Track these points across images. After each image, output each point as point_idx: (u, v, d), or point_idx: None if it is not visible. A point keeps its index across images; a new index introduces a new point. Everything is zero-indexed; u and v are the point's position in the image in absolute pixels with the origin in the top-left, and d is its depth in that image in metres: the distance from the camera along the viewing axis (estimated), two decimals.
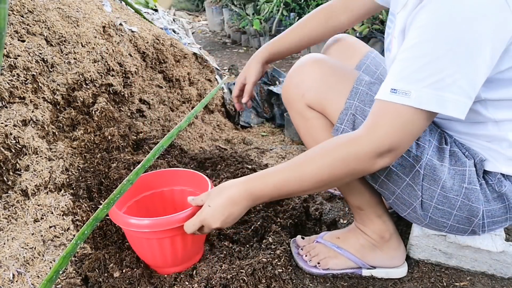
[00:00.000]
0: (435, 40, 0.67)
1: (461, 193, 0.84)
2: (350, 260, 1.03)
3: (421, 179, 0.85)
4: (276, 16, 4.02)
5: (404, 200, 0.90)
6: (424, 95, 0.68)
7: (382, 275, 1.04)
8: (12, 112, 1.07)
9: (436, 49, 0.67)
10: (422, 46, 0.68)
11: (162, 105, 1.70)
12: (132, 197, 1.05)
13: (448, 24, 0.66)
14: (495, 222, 0.89)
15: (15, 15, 1.22)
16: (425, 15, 0.68)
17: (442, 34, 0.67)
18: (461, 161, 0.85)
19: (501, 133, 0.82)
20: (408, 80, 0.69)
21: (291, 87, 0.93)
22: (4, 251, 0.91)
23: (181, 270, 0.97)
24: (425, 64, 0.68)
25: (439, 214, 0.88)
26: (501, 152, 0.84)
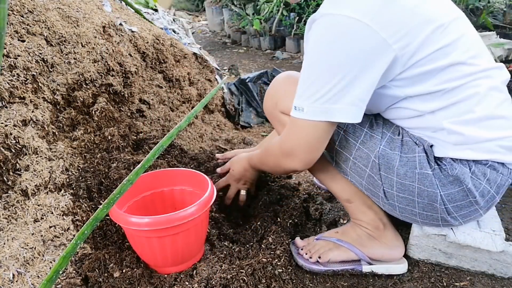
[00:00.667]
0: (315, 63, 0.83)
1: (415, 179, 0.91)
2: (350, 251, 1.05)
3: (378, 168, 0.93)
4: (276, 16, 4.02)
5: (371, 191, 0.99)
6: (313, 109, 0.84)
7: (382, 271, 1.04)
8: (12, 112, 1.07)
9: (315, 71, 0.83)
10: (308, 69, 0.84)
11: (162, 105, 1.70)
12: (132, 197, 1.05)
13: (322, 50, 0.81)
14: (461, 207, 0.93)
15: (15, 15, 1.22)
16: (309, 43, 0.85)
17: (319, 58, 0.82)
18: (411, 148, 0.92)
19: (438, 122, 0.89)
20: (301, 98, 0.85)
21: (268, 99, 1.11)
22: (4, 251, 0.91)
23: (181, 270, 0.97)
24: (310, 84, 0.83)
25: (404, 202, 0.95)
26: (444, 140, 0.90)
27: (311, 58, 0.84)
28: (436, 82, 0.84)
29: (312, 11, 3.78)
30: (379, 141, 0.93)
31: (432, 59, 0.82)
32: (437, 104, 0.87)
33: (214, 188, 0.99)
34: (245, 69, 3.49)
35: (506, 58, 2.40)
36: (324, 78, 0.81)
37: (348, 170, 0.99)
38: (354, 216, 1.08)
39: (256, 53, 4.08)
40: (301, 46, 3.87)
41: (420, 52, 0.81)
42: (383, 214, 1.07)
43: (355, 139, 0.95)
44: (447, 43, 0.82)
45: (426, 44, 0.80)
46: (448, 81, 0.84)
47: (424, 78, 0.84)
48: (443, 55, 0.82)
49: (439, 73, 0.84)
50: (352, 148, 0.96)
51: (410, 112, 0.91)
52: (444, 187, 0.90)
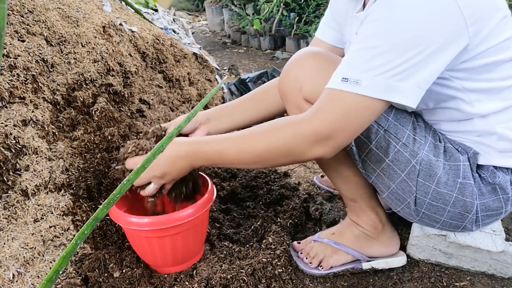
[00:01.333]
0: (388, 32, 0.70)
1: (455, 188, 0.86)
2: (349, 254, 1.05)
3: (417, 174, 0.86)
4: (276, 16, 4.01)
5: (398, 195, 0.91)
6: (374, 83, 0.70)
7: (382, 266, 1.04)
8: (12, 112, 1.07)
9: (388, 41, 0.70)
10: (375, 38, 0.71)
11: (162, 105, 1.70)
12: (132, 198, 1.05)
13: (401, 18, 0.69)
14: (489, 216, 0.91)
15: (15, 15, 1.22)
16: (381, 9, 0.71)
17: (395, 27, 0.70)
18: (455, 156, 0.87)
19: (489, 127, 0.84)
20: (359, 69, 0.71)
21: (288, 80, 0.92)
22: (4, 251, 0.91)
23: (181, 270, 0.97)
24: (377, 54, 0.70)
25: (433, 210, 0.90)
26: (491, 145, 0.86)
27: (383, 25, 0.71)
28: (495, 77, 0.80)
29: (312, 11, 3.78)
30: (423, 146, 0.86)
31: (496, 50, 0.76)
32: (491, 106, 0.82)
33: (214, 188, 0.99)
34: (245, 69, 3.49)
35: None
36: (398, 50, 0.69)
37: (378, 171, 0.90)
38: (354, 214, 1.05)
39: (256, 53, 4.08)
40: (301, 46, 3.87)
41: (487, 41, 0.75)
42: (384, 214, 1.06)
43: (397, 140, 0.86)
44: (509, 35, 0.77)
45: (494, 33, 0.75)
46: (506, 78, 0.80)
47: (485, 71, 0.79)
48: (505, 48, 0.77)
49: (499, 67, 0.79)
50: (390, 150, 0.86)
51: (459, 114, 0.85)
52: (482, 196, 0.87)
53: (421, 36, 0.69)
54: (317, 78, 0.86)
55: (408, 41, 0.69)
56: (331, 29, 1.11)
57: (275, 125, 0.79)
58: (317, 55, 0.90)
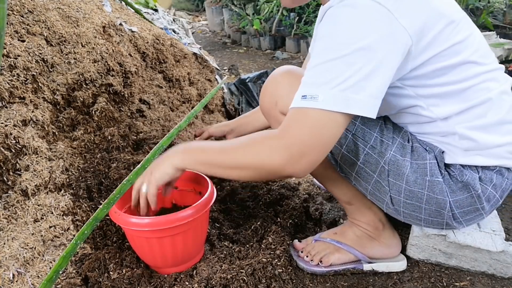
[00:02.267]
0: (334, 46, 0.73)
1: (425, 186, 0.89)
2: (350, 253, 1.05)
3: (387, 174, 0.90)
4: (276, 16, 4.02)
5: (376, 196, 0.96)
6: (330, 97, 0.72)
7: (383, 269, 1.05)
8: (12, 112, 1.07)
9: (336, 54, 0.73)
10: (324, 53, 0.74)
11: (162, 105, 1.70)
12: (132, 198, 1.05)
13: (344, 32, 0.73)
14: (467, 212, 0.93)
15: (15, 15, 1.22)
16: (327, 27, 0.76)
17: (340, 41, 0.73)
18: (422, 155, 0.90)
19: (450, 128, 0.87)
20: (315, 85, 0.73)
21: (266, 96, 0.98)
22: (4, 251, 0.91)
23: (181, 270, 0.97)
24: (328, 69, 0.73)
25: (411, 208, 0.93)
26: (455, 145, 0.89)
27: (330, 41, 0.74)
28: (447, 81, 0.83)
29: (312, 11, 3.78)
30: (390, 146, 0.90)
31: (444, 56, 0.80)
32: (453, 108, 0.85)
33: (214, 189, 0.99)
34: (245, 69, 3.49)
35: (506, 58, 2.40)
36: (345, 62, 0.72)
37: (353, 174, 0.95)
38: (353, 217, 1.07)
39: (256, 53, 4.08)
40: (301, 46, 3.87)
41: (432, 48, 0.78)
42: (382, 214, 1.07)
43: (364, 143, 0.91)
44: (458, 40, 0.80)
45: (438, 40, 0.78)
46: (460, 81, 0.83)
47: (436, 76, 0.82)
48: (455, 53, 0.80)
49: (451, 72, 0.82)
50: (360, 153, 0.91)
51: (421, 118, 0.88)
52: (453, 194, 0.90)
53: (365, 47, 0.72)
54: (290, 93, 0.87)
55: (354, 53, 0.72)
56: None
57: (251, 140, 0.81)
58: (290, 73, 0.96)
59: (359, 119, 0.91)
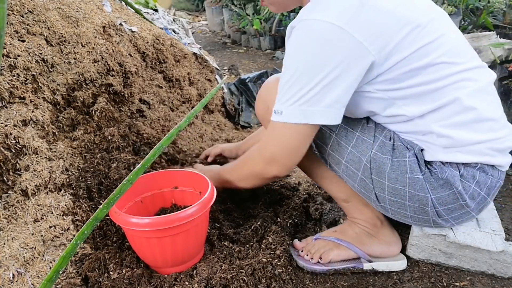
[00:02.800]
0: (292, 66, 0.84)
1: (406, 183, 0.91)
2: (350, 250, 1.06)
3: (370, 172, 0.93)
4: (276, 16, 4.02)
5: (363, 194, 0.99)
6: (291, 112, 0.84)
7: (383, 268, 1.05)
8: (12, 112, 1.07)
9: (294, 74, 0.83)
10: (286, 73, 0.85)
11: (162, 105, 1.70)
12: (132, 198, 1.05)
13: (299, 52, 0.82)
14: (452, 210, 0.93)
15: (15, 15, 1.22)
16: (287, 48, 0.86)
17: (297, 60, 0.83)
18: (402, 152, 0.92)
19: (427, 126, 0.89)
20: (280, 101, 0.86)
21: (259, 102, 1.09)
22: (4, 251, 0.91)
23: (181, 270, 0.97)
24: (289, 87, 0.84)
25: (396, 206, 0.95)
26: (434, 143, 0.90)
27: (290, 62, 0.84)
28: (418, 83, 0.85)
29: None
30: (371, 145, 0.93)
31: (410, 59, 0.82)
32: (425, 108, 0.87)
33: (214, 189, 0.99)
34: (245, 69, 3.49)
35: (506, 58, 2.40)
36: (301, 81, 0.82)
37: (340, 172, 0.99)
38: (351, 215, 1.09)
39: (256, 53, 4.08)
40: None
41: (397, 54, 0.81)
42: (380, 212, 1.07)
43: (347, 142, 0.95)
44: (426, 42, 0.82)
45: (403, 45, 0.81)
46: (432, 81, 0.84)
47: (405, 79, 0.84)
48: (423, 55, 0.82)
49: (421, 73, 0.84)
50: (344, 152, 0.95)
51: (398, 117, 0.91)
52: (435, 191, 0.91)
53: (320, 64, 0.80)
54: None
55: (309, 71, 0.81)
56: None
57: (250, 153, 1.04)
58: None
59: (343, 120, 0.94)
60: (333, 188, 1.07)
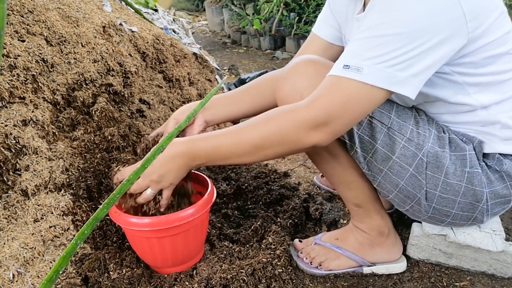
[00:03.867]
0: (391, 23, 0.72)
1: (464, 178, 0.87)
2: (351, 259, 1.04)
3: (425, 167, 0.86)
4: (276, 16, 4.01)
5: (408, 192, 0.90)
6: (375, 71, 0.72)
7: (383, 271, 1.04)
8: (12, 112, 1.07)
9: (391, 31, 0.72)
10: (379, 27, 0.73)
11: (162, 105, 1.69)
12: None
13: (404, 10, 0.71)
14: (498, 204, 0.92)
15: (15, 15, 1.22)
16: (380, 3, 0.74)
17: (398, 18, 0.72)
18: (460, 146, 0.88)
19: (491, 117, 0.86)
20: (362, 57, 0.73)
21: (287, 88, 0.90)
22: (4, 251, 0.91)
23: (181, 270, 0.97)
24: (380, 44, 0.72)
25: (443, 203, 0.90)
26: (495, 134, 0.88)
27: (386, 16, 0.73)
28: (493, 71, 0.82)
29: (312, 11, 3.78)
30: (427, 138, 0.87)
31: (494, 44, 0.79)
32: (494, 97, 0.84)
33: (214, 189, 0.99)
34: (245, 69, 3.49)
35: None
36: (399, 40, 0.71)
37: (385, 170, 0.89)
38: (358, 220, 1.04)
39: (256, 53, 4.08)
40: (301, 46, 3.87)
41: (486, 36, 0.78)
42: (389, 219, 1.05)
43: (401, 136, 0.87)
44: (507, 30, 0.80)
45: (492, 28, 0.78)
46: (506, 71, 0.83)
47: (484, 65, 0.82)
48: (503, 42, 0.80)
49: (497, 61, 0.81)
50: (396, 146, 0.87)
51: (461, 107, 0.87)
52: (491, 184, 0.88)
53: (424, 28, 0.71)
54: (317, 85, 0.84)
55: (411, 33, 0.71)
56: (329, 26, 1.12)
57: (271, 114, 0.80)
58: (315, 62, 0.91)
59: (394, 112, 0.89)
60: (349, 192, 1.00)
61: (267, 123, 0.78)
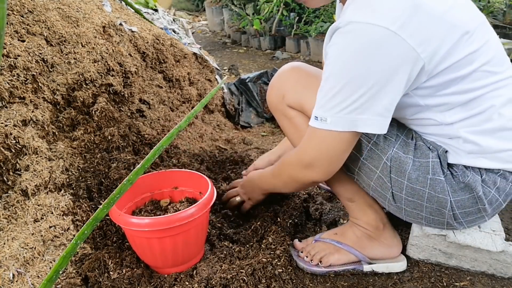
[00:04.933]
0: (339, 73, 0.79)
1: (427, 184, 0.90)
2: (350, 253, 1.05)
3: (389, 171, 0.91)
4: (276, 16, 4.01)
5: (378, 192, 0.96)
6: (338, 119, 0.81)
7: (383, 270, 1.04)
8: (12, 112, 1.07)
9: (342, 81, 0.79)
10: (331, 79, 0.81)
11: (162, 105, 1.69)
12: (132, 199, 1.05)
13: (348, 59, 0.78)
14: (468, 214, 0.93)
15: (15, 15, 1.22)
16: (333, 52, 0.80)
17: (344, 67, 0.78)
18: (425, 153, 0.91)
19: (454, 131, 0.88)
20: (324, 108, 0.82)
21: (273, 91, 1.05)
22: (4, 251, 0.91)
23: (181, 270, 0.97)
24: (335, 94, 0.80)
25: (412, 206, 0.94)
26: (459, 147, 0.89)
27: (336, 67, 0.79)
28: (457, 91, 0.83)
29: (312, 11, 3.78)
30: (393, 143, 0.91)
31: (457, 67, 0.80)
32: (459, 115, 0.86)
33: (214, 189, 0.99)
34: (245, 69, 3.49)
35: None
36: (351, 88, 0.78)
37: (356, 170, 0.97)
38: (354, 215, 1.07)
39: (256, 53, 4.08)
40: (301, 46, 3.87)
41: (446, 60, 0.79)
42: (383, 214, 1.07)
43: (368, 140, 0.92)
44: (472, 50, 0.80)
45: (452, 52, 0.79)
46: (471, 90, 0.83)
47: (446, 86, 0.83)
48: (467, 63, 0.81)
49: (461, 81, 0.82)
50: (363, 149, 0.93)
51: (428, 121, 0.90)
52: (455, 194, 0.90)
53: (371, 71, 0.76)
54: (297, 87, 0.99)
55: (359, 78, 0.77)
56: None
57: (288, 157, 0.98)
58: (296, 69, 1.02)
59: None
60: (339, 186, 1.05)
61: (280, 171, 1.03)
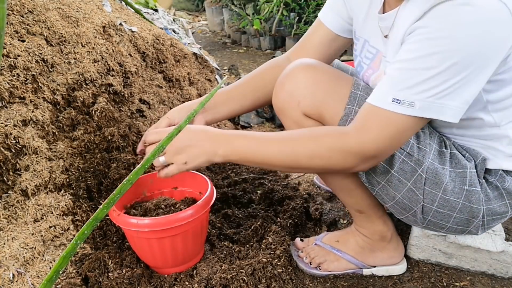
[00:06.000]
0: (444, 54, 0.67)
1: (462, 196, 0.84)
2: (351, 263, 1.04)
3: (423, 183, 0.83)
4: (276, 16, 4.01)
5: (404, 205, 0.88)
6: (427, 105, 0.70)
7: (382, 273, 1.04)
8: (12, 112, 1.07)
9: (444, 63, 0.67)
10: (430, 59, 0.69)
11: (162, 105, 1.69)
12: (132, 199, 1.05)
13: (459, 38, 0.66)
14: (494, 220, 0.90)
15: (15, 15, 1.22)
16: (435, 27, 0.68)
17: (451, 49, 0.67)
18: (462, 163, 0.85)
19: (502, 131, 0.83)
20: (413, 91, 0.70)
21: (284, 95, 0.88)
22: (4, 251, 0.91)
23: (181, 270, 0.97)
24: (431, 76, 0.69)
25: (439, 217, 0.88)
26: (500, 149, 0.85)
27: (437, 46, 0.68)
28: None
29: (312, 11, 3.78)
30: (428, 154, 0.83)
31: None
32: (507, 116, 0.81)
33: (214, 189, 0.99)
34: (245, 69, 3.49)
35: None
36: (456, 69, 0.67)
37: (382, 183, 0.86)
38: (359, 225, 1.02)
39: (256, 53, 4.08)
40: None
41: None
42: (391, 223, 1.04)
43: (401, 150, 0.82)
44: None
45: None
46: None
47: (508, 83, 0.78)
48: None
49: None
50: (395, 161, 0.83)
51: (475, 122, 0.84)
52: (488, 202, 0.86)
53: (479, 53, 0.67)
54: (315, 92, 0.84)
55: (464, 61, 0.67)
56: (338, 16, 1.01)
57: (320, 134, 0.79)
58: (312, 68, 0.87)
59: None
60: (350, 199, 0.98)
61: (316, 144, 0.77)
